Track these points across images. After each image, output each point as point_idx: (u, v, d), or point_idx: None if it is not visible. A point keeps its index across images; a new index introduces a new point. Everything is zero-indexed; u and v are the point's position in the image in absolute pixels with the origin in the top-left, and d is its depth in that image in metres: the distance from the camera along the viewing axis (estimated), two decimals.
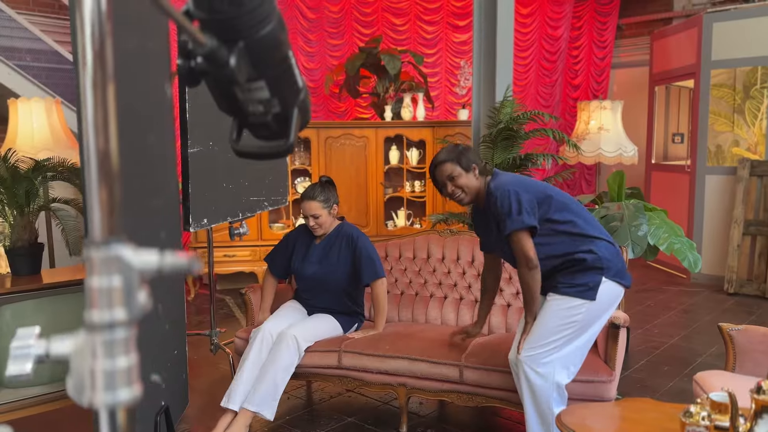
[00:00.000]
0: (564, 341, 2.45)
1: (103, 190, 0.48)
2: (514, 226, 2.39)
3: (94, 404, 0.48)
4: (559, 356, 2.45)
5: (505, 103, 4.36)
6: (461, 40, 7.14)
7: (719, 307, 5.31)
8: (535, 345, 2.46)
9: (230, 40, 0.72)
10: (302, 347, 3.03)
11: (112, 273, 0.48)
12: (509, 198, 2.42)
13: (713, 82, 6.02)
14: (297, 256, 3.32)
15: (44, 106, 4.20)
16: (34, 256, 3.15)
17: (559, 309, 2.44)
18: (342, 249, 3.24)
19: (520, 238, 2.41)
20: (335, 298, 3.25)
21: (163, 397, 2.81)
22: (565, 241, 2.47)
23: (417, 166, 5.94)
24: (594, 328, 2.50)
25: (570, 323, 2.43)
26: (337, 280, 3.22)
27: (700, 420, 1.93)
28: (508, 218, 2.40)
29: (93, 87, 0.49)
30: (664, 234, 4.05)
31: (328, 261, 3.24)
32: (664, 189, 6.87)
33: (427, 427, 3.15)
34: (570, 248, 2.46)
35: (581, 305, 2.41)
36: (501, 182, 2.51)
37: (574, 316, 2.42)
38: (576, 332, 2.45)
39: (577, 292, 2.42)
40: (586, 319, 2.44)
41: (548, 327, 2.45)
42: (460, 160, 2.57)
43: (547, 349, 2.45)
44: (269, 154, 0.89)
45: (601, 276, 2.43)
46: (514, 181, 2.54)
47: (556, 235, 2.47)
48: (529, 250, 2.41)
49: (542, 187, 2.55)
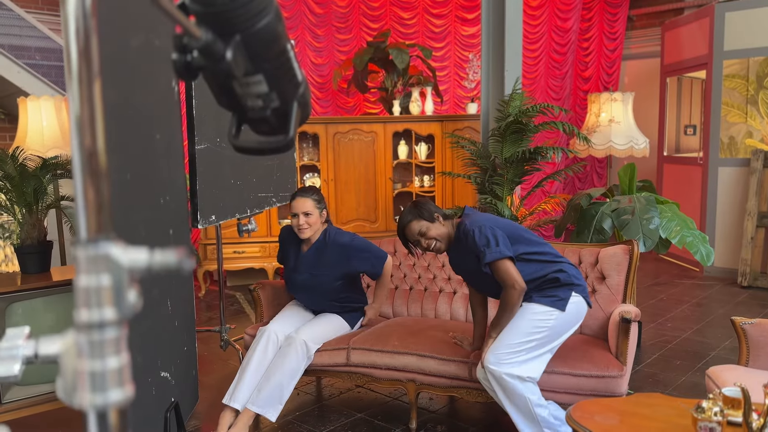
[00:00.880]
0: (530, 347, 2.56)
1: (90, 188, 0.47)
2: (495, 257, 2.57)
3: (84, 406, 0.47)
4: (524, 359, 2.56)
5: (514, 96, 4.33)
6: (470, 33, 7.10)
7: (732, 301, 5.26)
8: (502, 348, 2.56)
9: (227, 33, 0.71)
10: (312, 350, 3.01)
11: (100, 272, 0.47)
12: (486, 233, 2.60)
13: (726, 72, 5.94)
14: (287, 265, 3.25)
15: (53, 104, 4.21)
16: (43, 254, 3.17)
17: (533, 314, 2.60)
18: (333, 257, 3.12)
19: (504, 265, 2.59)
20: (331, 301, 3.20)
21: (173, 394, 2.82)
22: (538, 267, 2.67)
23: (426, 160, 5.92)
24: (557, 341, 2.64)
25: (540, 329, 2.57)
26: (329, 286, 3.14)
27: (712, 415, 1.91)
28: (487, 249, 2.58)
29: (78, 84, 0.47)
30: (676, 227, 4.00)
31: (318, 270, 3.13)
32: (676, 181, 6.80)
33: (437, 422, 3.14)
34: (543, 271, 2.66)
35: (551, 312, 2.59)
36: (475, 220, 2.69)
37: (545, 322, 2.57)
38: (542, 340, 2.58)
39: (550, 302, 2.61)
40: (554, 328, 2.59)
41: (519, 330, 2.58)
42: (423, 214, 2.71)
43: (514, 351, 2.55)
44: (269, 149, 0.87)
45: (571, 291, 2.64)
46: (487, 218, 2.74)
47: (529, 263, 2.66)
48: (514, 273, 2.59)
49: (511, 226, 2.76)
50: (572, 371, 2.68)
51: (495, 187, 4.28)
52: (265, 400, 2.89)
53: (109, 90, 2.19)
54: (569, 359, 2.72)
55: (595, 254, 3.21)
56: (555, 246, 3.34)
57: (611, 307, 3.03)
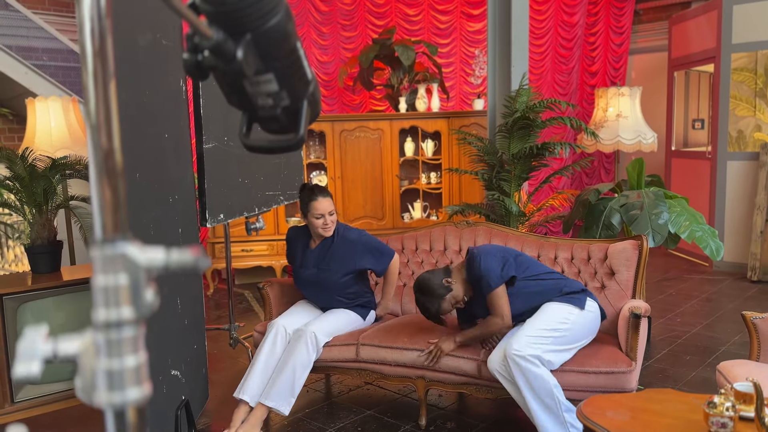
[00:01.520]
0: (555, 337, 2.61)
1: (107, 188, 0.47)
2: (500, 281, 2.71)
3: (103, 405, 0.47)
4: (546, 349, 2.60)
5: (521, 91, 4.31)
6: (475, 29, 7.08)
7: (742, 295, 5.23)
8: (526, 334, 2.61)
9: (237, 32, 0.71)
10: (321, 343, 3.03)
11: (118, 271, 0.47)
12: (489, 259, 2.74)
13: (734, 66, 5.90)
14: (295, 261, 3.28)
15: (61, 105, 4.23)
16: (53, 254, 3.19)
17: (553, 310, 2.69)
18: (341, 253, 3.16)
19: (499, 296, 2.71)
20: (341, 296, 3.22)
21: (184, 392, 2.83)
22: (551, 284, 2.80)
23: (432, 157, 5.91)
24: (577, 343, 2.69)
25: (559, 324, 2.63)
26: (336, 282, 3.17)
27: (724, 411, 1.90)
28: (491, 277, 2.71)
29: (94, 84, 0.48)
30: (685, 222, 3.98)
31: (328, 266, 3.16)
32: (685, 176, 6.76)
33: (447, 419, 3.14)
34: (557, 285, 2.79)
35: (571, 311, 2.68)
36: (479, 249, 2.82)
37: (565, 318, 2.65)
38: (566, 333, 2.64)
39: (568, 300, 2.73)
40: (576, 324, 2.66)
41: (543, 320, 2.65)
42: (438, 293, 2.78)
43: (539, 336, 2.60)
44: (280, 147, 0.88)
45: (586, 296, 2.77)
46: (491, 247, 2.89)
47: (541, 281, 2.80)
48: (504, 306, 2.71)
49: (512, 251, 2.89)
50: (582, 368, 2.67)
51: (502, 183, 4.27)
52: (277, 394, 2.91)
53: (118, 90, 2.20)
54: (578, 356, 2.71)
55: (604, 250, 3.20)
56: (563, 242, 3.34)
57: (620, 302, 3.02)
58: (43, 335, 0.48)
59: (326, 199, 3.12)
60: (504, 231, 3.51)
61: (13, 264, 5.38)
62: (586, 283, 3.18)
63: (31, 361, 0.46)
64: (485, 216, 4.39)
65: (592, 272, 3.20)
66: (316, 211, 3.10)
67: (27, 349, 0.47)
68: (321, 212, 3.10)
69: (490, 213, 4.37)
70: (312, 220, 3.13)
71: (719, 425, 1.90)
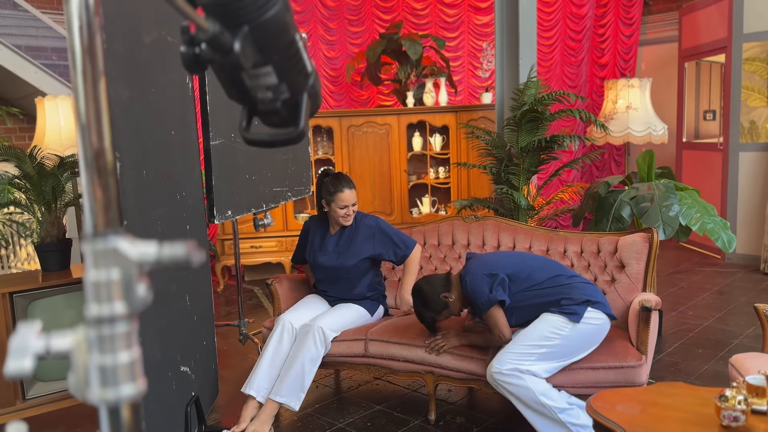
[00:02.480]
0: (540, 353, 2.56)
1: (98, 187, 0.47)
2: (489, 304, 2.65)
3: (96, 401, 0.46)
4: (531, 362, 2.56)
5: (529, 84, 4.28)
6: (483, 22, 7.03)
7: (755, 288, 5.17)
8: (508, 353, 2.59)
9: (234, 25, 0.70)
10: (329, 337, 3.03)
11: (109, 266, 0.47)
12: (477, 281, 2.68)
13: (745, 56, 5.83)
14: (312, 247, 3.32)
15: (70, 104, 4.25)
16: (63, 252, 3.20)
17: (545, 323, 2.61)
18: (362, 238, 3.23)
19: (495, 314, 2.67)
20: (354, 286, 3.25)
21: (193, 388, 2.84)
22: (549, 292, 2.69)
23: (440, 152, 5.89)
24: (572, 357, 2.62)
25: (545, 340, 2.57)
26: (355, 268, 3.22)
27: (736, 404, 1.88)
28: (480, 300, 2.66)
29: (83, 82, 0.47)
30: (696, 214, 3.94)
31: (346, 250, 3.22)
32: (696, 168, 6.69)
33: (456, 414, 3.13)
34: (553, 296, 2.67)
35: (563, 326, 2.58)
36: (469, 267, 2.77)
37: (553, 333, 2.57)
38: (554, 349, 2.57)
39: (565, 314, 2.61)
40: (569, 339, 2.58)
41: (531, 335, 2.60)
42: (433, 306, 2.79)
43: (519, 354, 2.56)
44: (280, 141, 0.87)
45: (587, 307, 2.62)
46: (485, 262, 2.79)
47: (539, 290, 2.71)
48: (503, 326, 2.67)
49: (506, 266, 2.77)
50: (591, 364, 2.65)
51: (511, 176, 4.24)
52: (287, 389, 2.92)
53: (124, 87, 2.21)
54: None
55: (614, 243, 3.18)
56: (573, 236, 3.31)
57: (631, 296, 2.99)
58: (36, 331, 0.48)
59: (352, 191, 3.19)
60: (513, 225, 3.49)
61: (26, 262, 5.42)
62: (595, 276, 3.16)
63: (24, 358, 0.46)
64: (494, 210, 4.37)
65: (602, 265, 3.18)
66: (342, 202, 3.17)
67: (19, 345, 0.46)
68: (346, 203, 3.18)
69: (498, 207, 4.34)
70: (335, 209, 3.19)
71: (731, 419, 1.87)
